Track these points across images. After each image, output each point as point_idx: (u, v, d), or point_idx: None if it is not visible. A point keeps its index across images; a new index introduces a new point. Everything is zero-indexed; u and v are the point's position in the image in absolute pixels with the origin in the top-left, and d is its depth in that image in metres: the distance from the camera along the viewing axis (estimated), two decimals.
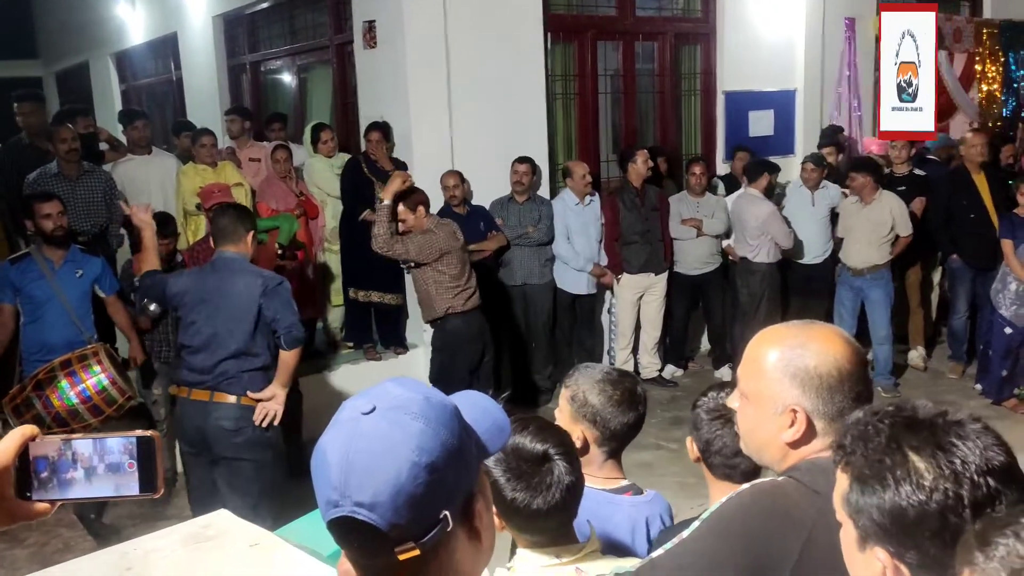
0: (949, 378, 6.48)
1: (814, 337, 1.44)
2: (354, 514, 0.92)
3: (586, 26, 6.78)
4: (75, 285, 4.47)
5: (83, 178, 5.45)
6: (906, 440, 1.08)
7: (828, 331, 1.47)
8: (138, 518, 4.66)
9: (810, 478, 1.39)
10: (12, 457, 0.99)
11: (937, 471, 1.05)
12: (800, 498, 1.38)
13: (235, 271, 3.72)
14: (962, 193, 6.22)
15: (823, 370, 1.41)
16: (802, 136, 7.60)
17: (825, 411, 1.41)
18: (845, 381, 1.41)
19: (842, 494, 1.13)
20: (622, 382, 2.06)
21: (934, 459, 1.06)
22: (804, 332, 1.46)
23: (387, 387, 1.00)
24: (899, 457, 1.07)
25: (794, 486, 1.41)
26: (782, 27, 7.39)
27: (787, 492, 1.41)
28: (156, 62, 10.55)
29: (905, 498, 1.05)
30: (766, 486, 1.45)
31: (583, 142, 6.88)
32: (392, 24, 5.90)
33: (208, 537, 1.69)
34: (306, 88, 8.09)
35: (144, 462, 1.05)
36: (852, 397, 1.41)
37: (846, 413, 1.36)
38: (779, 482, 1.44)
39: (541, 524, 1.63)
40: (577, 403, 2.04)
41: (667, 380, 6.61)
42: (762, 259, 6.28)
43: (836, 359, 1.41)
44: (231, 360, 3.67)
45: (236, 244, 3.76)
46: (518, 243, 5.99)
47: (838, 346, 1.43)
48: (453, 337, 5.06)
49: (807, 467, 1.42)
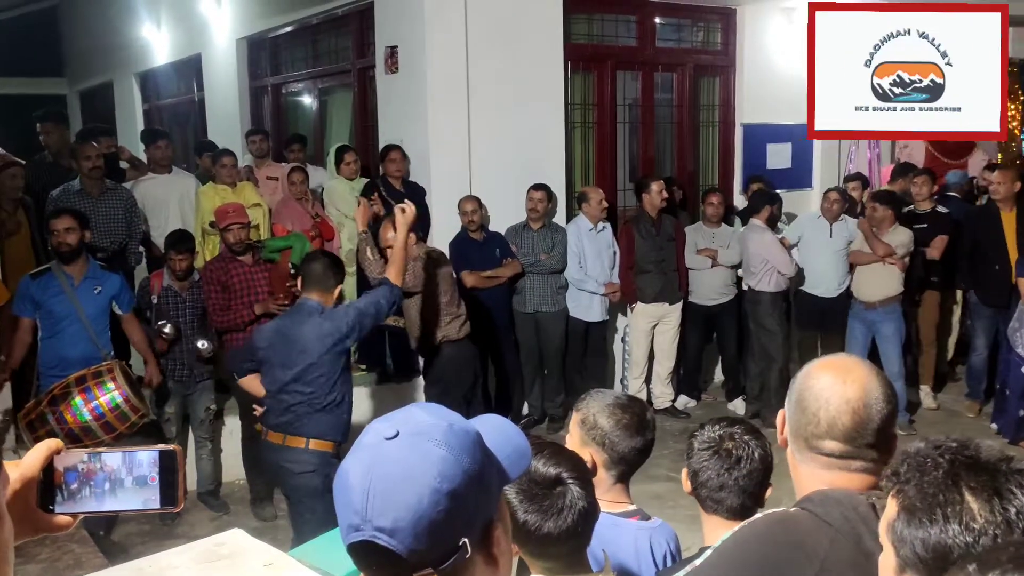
0: (966, 417, 6.41)
1: (825, 369, 1.50)
2: (375, 539, 0.92)
3: (606, 56, 6.83)
4: (94, 301, 4.51)
5: (105, 196, 5.51)
6: (964, 479, 1.07)
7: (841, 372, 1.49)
8: (147, 536, 4.66)
9: (823, 510, 1.40)
10: (38, 470, 1.00)
11: (990, 515, 1.04)
12: (813, 529, 1.39)
13: (307, 316, 3.72)
14: (988, 230, 6.18)
15: (812, 395, 1.47)
16: (819, 170, 7.61)
17: (807, 429, 1.47)
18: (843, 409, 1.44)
19: (888, 521, 1.12)
20: (632, 407, 2.09)
21: (989, 503, 1.04)
22: (829, 363, 1.52)
23: (412, 412, 1.00)
24: (954, 495, 1.06)
25: (807, 517, 1.42)
26: (801, 61, 7.39)
27: (799, 522, 1.42)
28: (179, 83, 10.68)
29: (952, 536, 1.04)
30: (778, 515, 1.46)
31: (600, 170, 6.90)
32: (414, 50, 5.96)
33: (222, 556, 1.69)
34: (327, 111, 8.17)
35: (165, 476, 1.06)
36: (848, 424, 1.44)
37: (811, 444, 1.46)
38: (791, 513, 1.45)
39: (553, 549, 1.62)
40: (587, 426, 2.07)
41: (680, 411, 6.58)
42: (764, 288, 6.27)
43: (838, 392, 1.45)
44: (300, 405, 3.68)
45: (321, 294, 3.76)
46: (531, 270, 6.00)
47: (845, 385, 1.46)
48: (448, 365, 5.01)
49: (820, 499, 1.44)
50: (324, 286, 3.75)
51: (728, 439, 1.96)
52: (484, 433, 1.01)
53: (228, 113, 8.88)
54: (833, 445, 1.45)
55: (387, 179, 5.96)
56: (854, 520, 1.38)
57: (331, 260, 3.96)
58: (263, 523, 4.99)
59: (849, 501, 1.41)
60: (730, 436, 1.96)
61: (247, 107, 8.73)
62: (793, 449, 1.52)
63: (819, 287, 6.39)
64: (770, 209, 6.34)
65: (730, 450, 1.94)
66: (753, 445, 1.96)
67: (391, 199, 5.86)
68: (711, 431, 1.99)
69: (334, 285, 3.78)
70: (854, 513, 1.39)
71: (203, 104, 9.65)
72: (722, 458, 1.93)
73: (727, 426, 2.00)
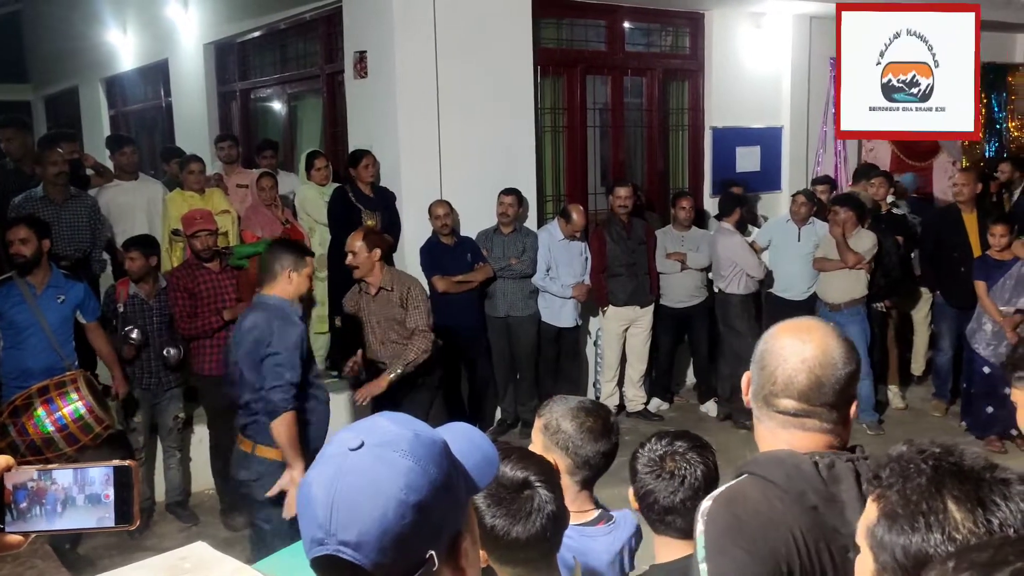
0: (933, 416, 6.49)
1: (791, 329, 1.54)
2: (339, 553, 0.90)
3: (575, 60, 6.84)
4: (56, 311, 4.43)
5: (69, 203, 5.43)
6: (948, 488, 1.06)
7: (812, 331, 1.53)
8: (114, 549, 4.57)
9: (766, 471, 1.47)
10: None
11: (973, 526, 1.03)
12: (759, 493, 1.45)
13: (252, 309, 3.54)
14: (951, 232, 6.27)
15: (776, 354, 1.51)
16: (788, 172, 7.68)
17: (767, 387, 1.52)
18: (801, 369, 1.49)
19: (868, 525, 1.11)
20: (595, 411, 2.08)
21: (972, 514, 1.04)
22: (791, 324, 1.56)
23: (377, 422, 0.98)
24: (937, 503, 1.05)
25: (750, 483, 1.48)
26: (769, 65, 7.50)
27: (745, 493, 1.47)
28: (146, 88, 10.55)
29: (934, 545, 1.03)
30: (723, 496, 1.49)
31: (571, 175, 6.91)
32: (383, 55, 5.93)
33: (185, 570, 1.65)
34: (296, 117, 8.11)
35: (121, 492, 1.03)
36: (805, 384, 1.48)
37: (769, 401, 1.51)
38: (733, 487, 1.50)
39: (521, 554, 1.61)
40: (550, 431, 2.05)
41: (653, 414, 6.59)
42: (734, 290, 6.32)
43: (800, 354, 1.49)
44: (244, 406, 3.51)
45: (272, 285, 3.51)
46: (502, 275, 5.99)
47: (812, 344, 1.50)
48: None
49: (764, 460, 1.50)
50: (271, 275, 3.50)
51: (669, 459, 1.91)
52: (451, 441, 1.00)
53: (196, 119, 8.78)
54: (789, 403, 1.49)
55: (357, 184, 5.92)
56: (796, 478, 1.43)
57: (277, 245, 3.73)
58: (233, 533, 4.92)
59: (791, 460, 1.45)
60: (671, 455, 1.92)
61: (215, 113, 8.64)
62: (754, 408, 1.56)
63: (789, 290, 6.44)
64: (739, 212, 6.39)
65: (672, 471, 1.89)
66: (696, 462, 1.91)
67: (360, 205, 5.84)
68: (652, 451, 1.94)
69: (282, 269, 3.48)
70: (796, 471, 1.43)
71: (170, 110, 9.53)
72: (665, 479, 1.88)
73: (668, 443, 1.95)
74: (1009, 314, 5.70)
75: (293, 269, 3.50)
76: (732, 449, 5.43)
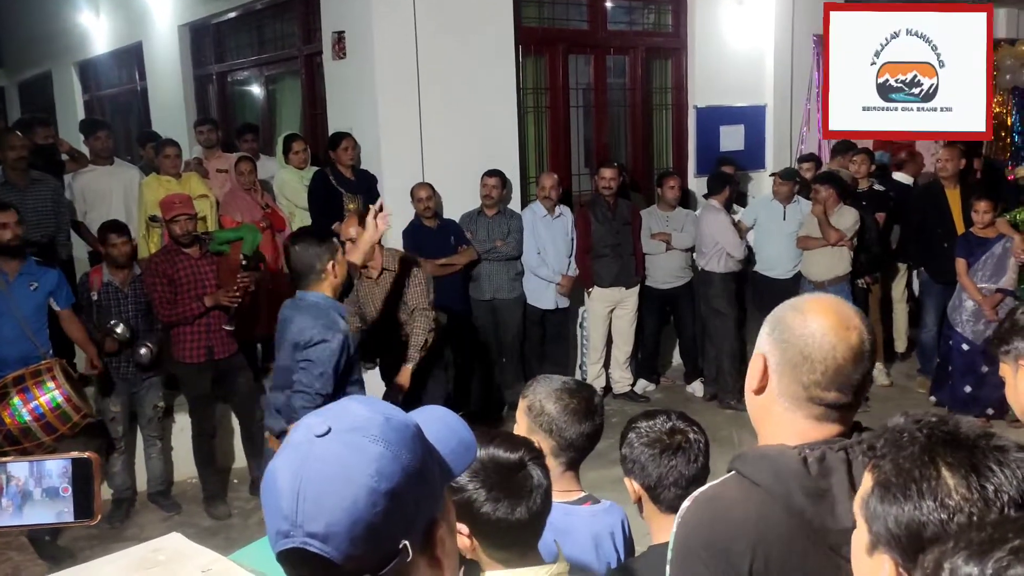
0: (918, 392, 6.50)
1: (811, 305, 1.43)
2: (306, 545, 0.85)
3: (557, 39, 6.77)
4: (30, 298, 4.34)
5: (32, 187, 5.34)
6: (941, 455, 1.03)
7: (827, 306, 1.44)
8: (95, 539, 4.51)
9: (753, 469, 1.39)
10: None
11: (967, 492, 0.99)
12: (741, 497, 1.38)
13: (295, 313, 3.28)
14: (934, 208, 6.28)
15: (797, 333, 1.40)
16: (772, 151, 7.65)
17: (786, 371, 1.41)
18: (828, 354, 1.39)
19: (863, 496, 1.08)
20: (579, 392, 2.05)
21: (966, 480, 1.00)
22: (809, 299, 1.46)
23: (345, 406, 0.93)
24: (930, 471, 1.02)
25: (734, 484, 1.41)
26: (752, 43, 7.45)
27: (725, 495, 1.41)
28: (120, 72, 10.39)
29: (926, 513, 1.00)
30: (702, 496, 1.44)
31: (554, 155, 6.85)
32: (362, 35, 5.84)
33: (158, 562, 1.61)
34: (274, 99, 7.99)
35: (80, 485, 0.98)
36: (825, 369, 1.39)
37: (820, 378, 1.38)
38: (716, 486, 1.44)
39: (517, 535, 1.60)
40: (534, 413, 2.02)
41: (639, 395, 6.58)
42: (714, 268, 6.30)
43: (823, 332, 1.39)
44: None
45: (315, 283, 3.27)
46: (487, 257, 5.93)
47: (829, 320, 1.40)
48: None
49: (753, 457, 1.42)
50: (314, 273, 3.23)
51: (671, 434, 1.92)
52: (426, 426, 0.95)
53: (172, 103, 8.66)
54: (834, 395, 1.39)
55: (337, 168, 5.84)
56: (785, 477, 1.35)
57: (302, 239, 3.33)
58: (216, 522, 4.88)
59: (781, 457, 1.38)
60: (674, 430, 1.93)
61: (192, 96, 8.52)
62: (780, 399, 1.42)
63: (774, 269, 6.42)
64: (728, 190, 6.35)
65: (680, 444, 1.91)
66: (696, 430, 1.96)
67: (341, 188, 5.76)
68: (652, 430, 1.93)
69: (322, 263, 3.22)
70: (786, 469, 1.36)
71: (146, 94, 9.40)
72: (682, 453, 1.89)
73: (666, 419, 1.96)
74: (990, 292, 5.70)
75: (332, 259, 3.25)
76: (718, 428, 5.43)
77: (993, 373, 5.76)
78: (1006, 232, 5.72)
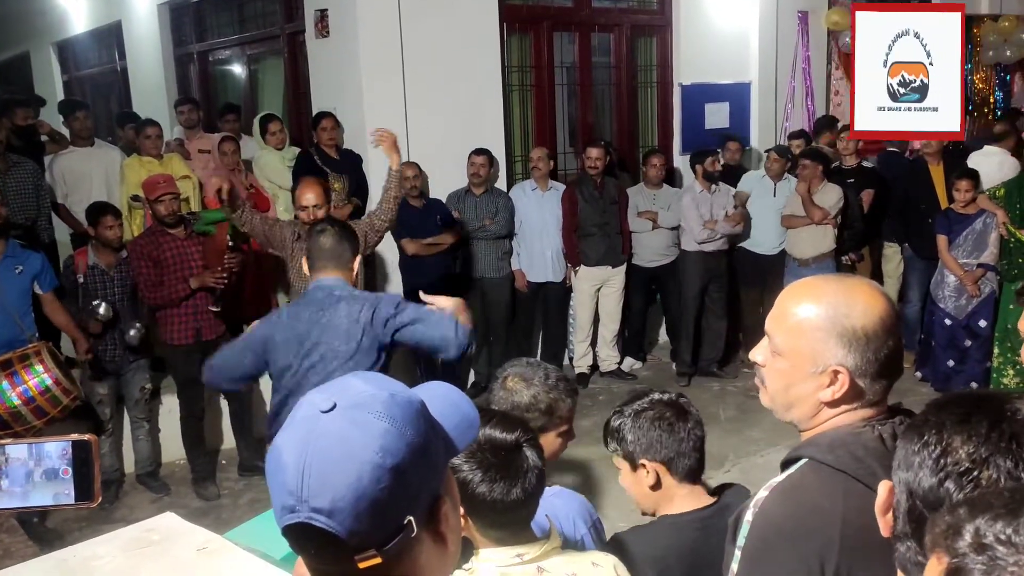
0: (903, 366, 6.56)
1: (858, 294, 1.39)
2: (311, 520, 0.85)
3: (542, 17, 6.73)
4: (15, 282, 4.30)
5: (12, 170, 5.29)
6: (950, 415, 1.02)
7: (869, 287, 1.42)
8: (84, 521, 4.51)
9: (833, 456, 1.35)
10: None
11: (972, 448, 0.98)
12: (826, 484, 1.34)
13: (336, 300, 3.02)
14: (918, 184, 6.32)
15: (870, 330, 1.35)
16: (757, 128, 7.65)
17: (868, 370, 1.36)
18: (887, 338, 1.37)
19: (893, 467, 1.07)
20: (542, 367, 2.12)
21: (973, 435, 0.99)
22: (847, 288, 1.40)
23: (349, 382, 0.93)
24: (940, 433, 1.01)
25: (814, 472, 1.37)
26: (737, 20, 7.43)
27: (806, 484, 1.37)
28: (100, 52, 10.25)
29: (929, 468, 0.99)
30: (782, 487, 1.38)
31: (540, 133, 6.83)
32: (345, 13, 5.78)
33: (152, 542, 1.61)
34: (257, 79, 7.91)
35: (80, 468, 0.97)
36: (887, 352, 1.37)
37: (883, 365, 1.35)
38: (793, 476, 1.39)
39: (512, 515, 1.61)
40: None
41: (626, 373, 6.61)
42: (686, 246, 6.33)
43: (881, 318, 1.37)
44: None
45: (339, 269, 3.07)
46: (475, 236, 5.92)
47: (881, 303, 1.38)
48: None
49: (827, 443, 1.37)
50: (343, 262, 3.07)
51: (669, 406, 1.95)
52: (429, 402, 0.95)
53: (153, 83, 8.55)
54: (884, 383, 1.39)
55: (321, 148, 5.80)
56: (865, 457, 1.32)
57: (340, 230, 3.16)
58: (206, 503, 4.89)
59: (856, 439, 1.35)
60: (668, 403, 1.95)
61: (172, 76, 8.42)
62: (850, 389, 1.37)
63: (761, 245, 6.45)
64: (701, 168, 6.33)
65: (684, 408, 1.95)
66: (673, 395, 2.00)
67: (326, 168, 5.73)
68: (651, 410, 1.94)
69: (351, 256, 3.11)
70: (863, 450, 1.33)
71: (126, 74, 9.28)
72: (684, 421, 1.93)
73: (654, 397, 1.98)
74: (971, 267, 5.76)
75: (359, 252, 3.17)
76: (705, 407, 5.49)
77: (976, 348, 5.85)
78: (988, 208, 5.76)
